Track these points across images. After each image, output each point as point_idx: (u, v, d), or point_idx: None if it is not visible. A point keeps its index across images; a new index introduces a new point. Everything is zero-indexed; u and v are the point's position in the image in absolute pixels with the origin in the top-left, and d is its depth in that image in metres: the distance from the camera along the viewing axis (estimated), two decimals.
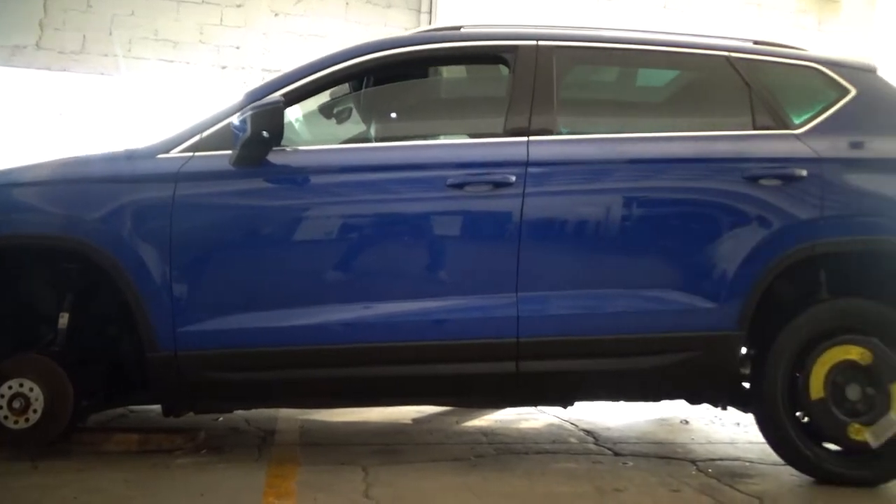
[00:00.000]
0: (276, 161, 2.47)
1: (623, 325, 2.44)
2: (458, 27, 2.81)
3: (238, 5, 6.45)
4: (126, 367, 2.63)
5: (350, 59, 2.63)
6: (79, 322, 2.56)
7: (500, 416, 3.53)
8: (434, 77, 3.02)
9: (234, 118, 2.43)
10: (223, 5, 6.42)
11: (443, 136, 2.78)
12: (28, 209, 2.53)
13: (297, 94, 2.59)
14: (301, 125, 3.05)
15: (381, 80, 2.89)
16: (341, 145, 2.80)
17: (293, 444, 2.85)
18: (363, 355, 2.40)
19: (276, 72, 4.63)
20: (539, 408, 3.59)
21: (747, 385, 2.62)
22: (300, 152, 2.57)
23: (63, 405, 2.42)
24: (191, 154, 2.50)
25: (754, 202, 2.47)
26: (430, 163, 2.53)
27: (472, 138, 2.76)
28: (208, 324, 2.38)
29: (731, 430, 3.31)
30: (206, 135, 2.54)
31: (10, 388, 2.39)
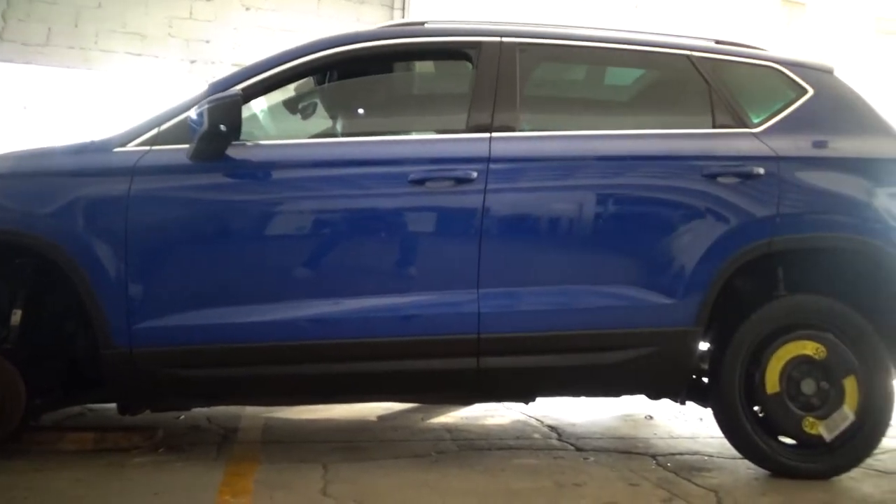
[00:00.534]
0: (235, 155, 2.44)
1: (584, 322, 2.45)
2: (423, 22, 2.81)
3: None
4: (82, 364, 2.59)
5: (313, 53, 2.61)
6: (33, 319, 2.51)
7: (467, 412, 3.53)
8: (398, 72, 3.01)
9: (192, 111, 2.39)
10: None
11: (406, 131, 2.77)
12: None
13: (260, 87, 2.56)
14: (267, 120, 3.02)
15: (345, 74, 2.88)
16: (302, 140, 2.76)
17: (255, 442, 2.82)
18: (322, 352, 2.38)
19: None
20: (506, 404, 3.60)
21: (706, 380, 2.66)
22: (261, 147, 2.55)
23: (14, 403, 2.37)
24: (148, 148, 2.46)
25: (712, 200, 2.50)
26: (391, 158, 2.52)
27: (436, 134, 2.75)
28: (165, 320, 2.34)
29: (694, 425, 3.35)
30: (164, 128, 2.50)
31: None
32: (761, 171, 2.53)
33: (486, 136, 2.52)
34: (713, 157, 2.56)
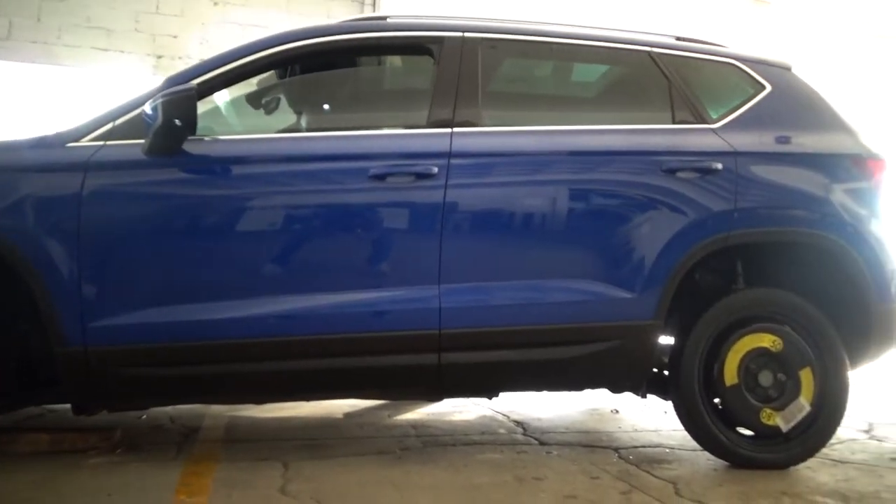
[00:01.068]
0: (192, 151, 2.40)
1: (545, 316, 2.46)
2: (385, 17, 2.79)
3: None
4: (35, 364, 2.53)
5: (273, 47, 2.58)
6: None
7: (434, 408, 3.53)
8: (360, 67, 2.98)
9: (147, 106, 2.35)
10: None
11: (368, 127, 2.75)
12: None
13: (218, 81, 2.53)
14: (231, 114, 2.98)
15: (306, 69, 2.85)
16: (262, 135, 2.73)
17: (217, 441, 2.79)
18: (281, 349, 2.35)
19: None
20: (473, 400, 3.61)
21: (667, 373, 2.68)
22: (218, 142, 2.51)
23: None
24: (102, 143, 2.41)
25: (671, 194, 2.52)
26: (352, 153, 2.50)
27: (397, 129, 2.74)
28: (120, 318, 2.30)
29: (659, 418, 3.38)
30: (119, 123, 2.45)
31: None
32: (719, 166, 2.56)
33: (448, 131, 2.51)
34: (672, 152, 2.58)
